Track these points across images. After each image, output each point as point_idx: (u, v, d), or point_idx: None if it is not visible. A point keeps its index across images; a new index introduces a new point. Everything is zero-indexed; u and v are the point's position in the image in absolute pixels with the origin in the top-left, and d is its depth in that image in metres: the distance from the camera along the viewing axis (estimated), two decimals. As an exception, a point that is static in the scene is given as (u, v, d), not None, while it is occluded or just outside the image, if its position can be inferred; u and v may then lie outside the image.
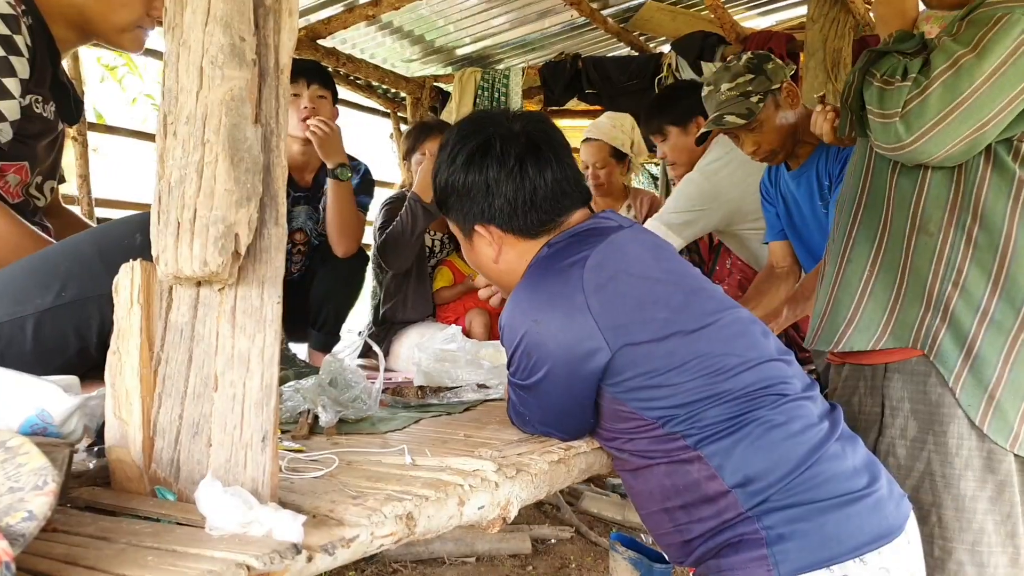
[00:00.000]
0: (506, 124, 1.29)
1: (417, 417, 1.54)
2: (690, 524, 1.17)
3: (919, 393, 1.38)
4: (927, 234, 1.38)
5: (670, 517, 1.19)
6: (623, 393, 1.17)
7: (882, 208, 1.46)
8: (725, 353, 1.17)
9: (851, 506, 1.11)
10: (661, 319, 1.17)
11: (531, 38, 4.81)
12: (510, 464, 1.14)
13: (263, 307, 0.87)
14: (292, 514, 0.76)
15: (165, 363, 0.91)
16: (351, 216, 2.49)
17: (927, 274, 1.38)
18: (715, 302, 1.24)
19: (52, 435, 0.89)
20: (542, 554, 2.75)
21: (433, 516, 0.96)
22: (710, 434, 1.14)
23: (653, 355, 1.15)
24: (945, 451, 1.35)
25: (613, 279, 1.18)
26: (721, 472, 1.12)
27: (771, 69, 2.25)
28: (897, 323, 1.40)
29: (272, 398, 0.86)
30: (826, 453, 1.14)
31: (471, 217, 1.30)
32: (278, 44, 0.88)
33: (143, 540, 0.72)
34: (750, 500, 1.11)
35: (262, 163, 0.85)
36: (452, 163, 1.30)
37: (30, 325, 1.21)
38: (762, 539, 1.09)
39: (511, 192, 1.25)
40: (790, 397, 1.18)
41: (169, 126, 0.87)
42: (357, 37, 4.62)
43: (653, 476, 1.19)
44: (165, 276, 0.87)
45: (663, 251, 1.31)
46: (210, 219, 0.82)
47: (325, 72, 2.54)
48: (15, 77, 1.30)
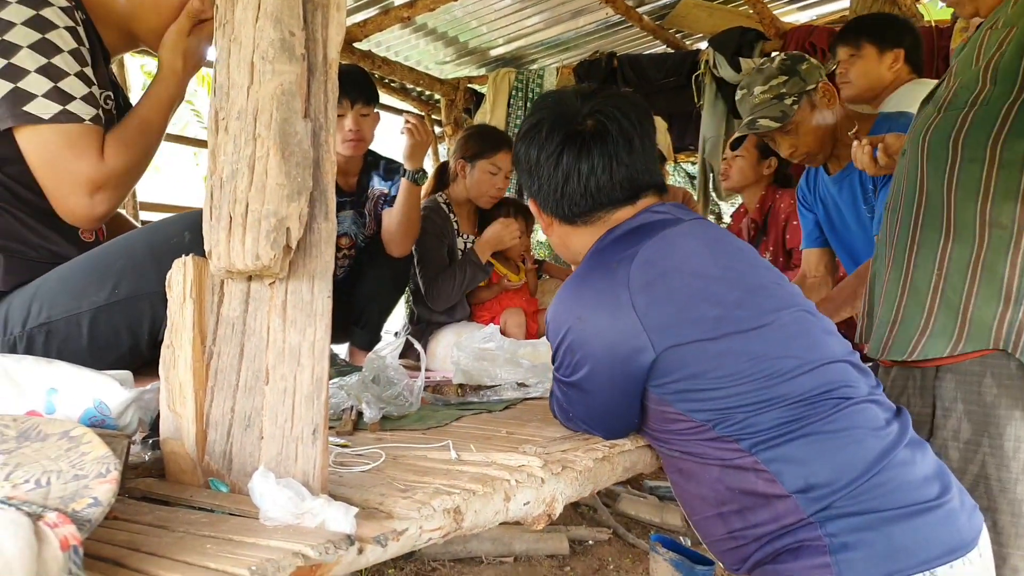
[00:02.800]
0: (573, 108, 1.25)
1: (458, 414, 1.54)
2: (746, 530, 1.12)
3: (973, 394, 1.34)
4: (1000, 227, 1.33)
5: (724, 522, 1.15)
6: (670, 395, 1.14)
7: (943, 209, 1.41)
8: (782, 355, 1.12)
9: (921, 516, 1.05)
10: (712, 317, 1.12)
11: (565, 37, 4.79)
12: (555, 460, 1.14)
13: (313, 301, 0.87)
14: (345, 506, 0.76)
15: (217, 357, 0.92)
16: (417, 219, 2.57)
17: (1004, 269, 1.32)
18: (776, 300, 1.18)
19: (109, 427, 0.91)
20: (580, 555, 2.74)
21: (480, 511, 0.96)
22: (766, 439, 1.09)
23: (703, 355, 1.11)
24: (1001, 454, 1.31)
25: (662, 276, 1.14)
26: (780, 478, 1.07)
27: (805, 70, 2.20)
28: (973, 325, 1.34)
29: (323, 392, 0.86)
30: (894, 459, 1.09)
31: (526, 189, 1.32)
32: (326, 39, 0.89)
33: (200, 529, 0.73)
34: (812, 506, 1.06)
35: (312, 157, 0.86)
36: (519, 131, 1.31)
37: (86, 322, 1.23)
38: (825, 547, 1.04)
39: (546, 177, 1.26)
40: (853, 401, 1.12)
41: (220, 122, 0.88)
42: (391, 40, 4.66)
43: (706, 480, 1.15)
44: (217, 270, 0.88)
45: (724, 245, 1.24)
46: (262, 213, 0.83)
47: (369, 86, 2.52)
48: (89, 66, 1.32)
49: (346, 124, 2.43)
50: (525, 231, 2.99)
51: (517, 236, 2.86)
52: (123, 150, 1.32)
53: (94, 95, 1.30)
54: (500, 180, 2.84)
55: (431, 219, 2.79)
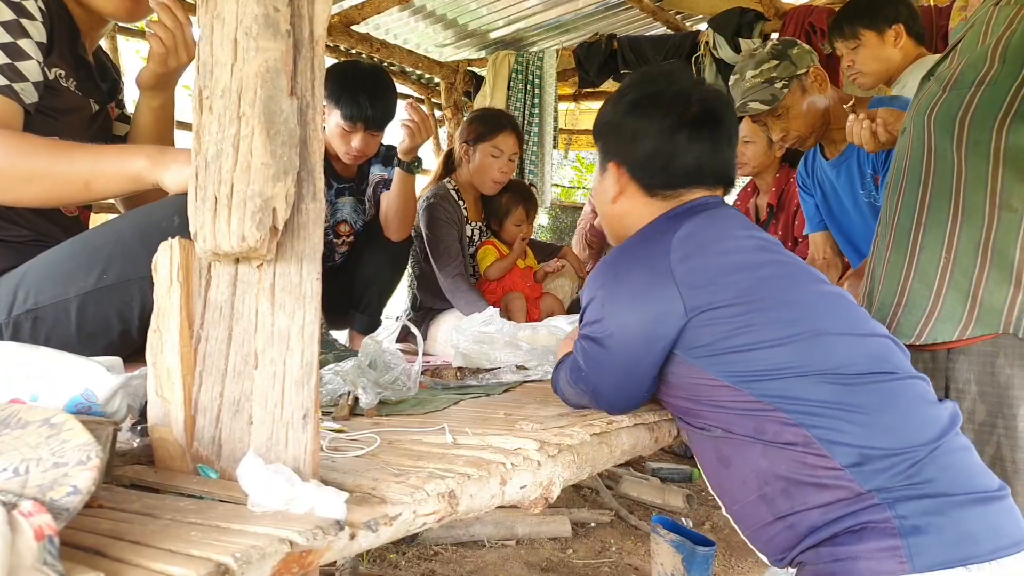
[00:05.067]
0: (688, 87, 1.31)
1: (456, 398, 1.53)
2: (795, 513, 1.07)
3: (987, 375, 1.33)
4: (1010, 210, 1.31)
5: (769, 506, 1.10)
6: (704, 359, 1.13)
7: (951, 190, 1.38)
8: (827, 323, 1.11)
9: (987, 505, 1.03)
10: (747, 285, 1.14)
11: (565, 19, 4.74)
12: (552, 443, 1.12)
13: (302, 283, 0.85)
14: (335, 491, 0.75)
15: (205, 341, 0.90)
16: (413, 206, 2.55)
17: (1014, 252, 1.31)
18: (812, 275, 1.21)
19: (96, 414, 0.89)
20: (582, 537, 2.74)
21: (475, 495, 0.94)
22: (813, 409, 1.06)
23: (737, 319, 1.11)
24: (1015, 435, 1.30)
25: (701, 247, 1.18)
26: (832, 451, 1.04)
27: (796, 54, 2.22)
28: (983, 309, 1.33)
29: (312, 376, 0.85)
30: (954, 441, 1.07)
31: (612, 154, 1.35)
32: (312, 15, 0.86)
33: (187, 516, 0.72)
34: (870, 481, 1.03)
35: (298, 136, 0.84)
36: (621, 99, 1.35)
37: (74, 308, 1.22)
38: (894, 529, 1.00)
39: (652, 148, 1.29)
40: (902, 376, 1.11)
41: (204, 101, 0.86)
42: (390, 23, 4.61)
43: (748, 459, 1.11)
44: (204, 253, 0.86)
45: (758, 230, 1.30)
46: (247, 193, 0.81)
47: (388, 113, 2.42)
48: (29, 39, 1.29)
49: (353, 141, 2.38)
50: (527, 219, 2.95)
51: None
52: (13, 149, 1.21)
53: (15, 68, 1.26)
54: (503, 163, 2.77)
55: (442, 207, 2.75)
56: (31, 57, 1.29)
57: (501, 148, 2.76)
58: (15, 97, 1.27)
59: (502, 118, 2.89)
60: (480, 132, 2.79)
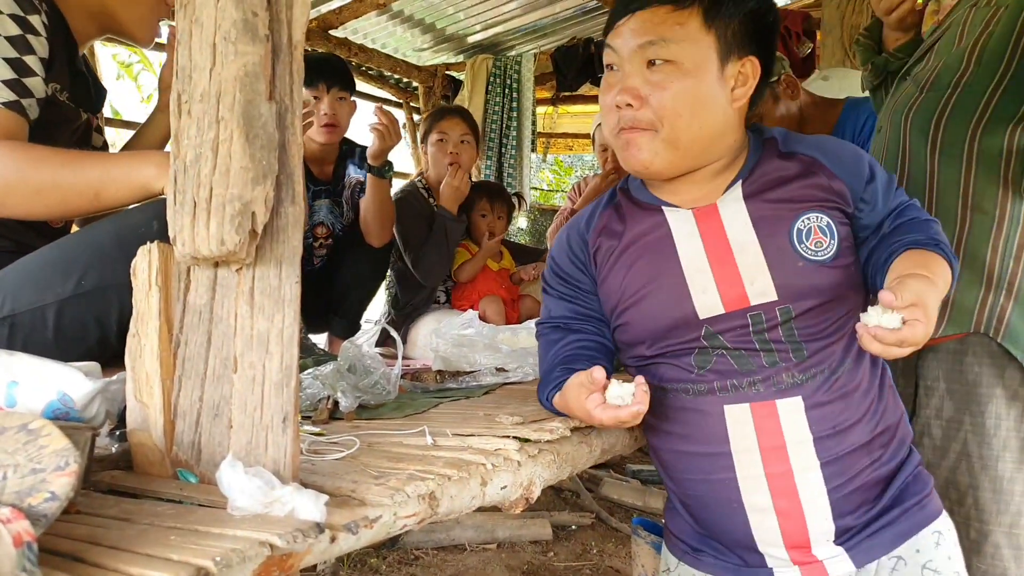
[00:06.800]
0: None
1: (436, 401, 1.53)
2: (884, 457, 1.12)
3: (955, 372, 1.35)
4: (982, 212, 1.34)
5: (868, 452, 1.10)
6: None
7: (924, 193, 1.41)
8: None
9: None
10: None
11: (543, 24, 4.76)
12: (532, 442, 1.13)
13: (281, 287, 0.86)
14: (314, 494, 0.75)
15: (184, 345, 0.90)
16: (390, 210, 2.55)
17: (985, 254, 1.34)
18: None
19: (74, 419, 0.89)
20: (563, 540, 2.75)
21: (456, 496, 0.95)
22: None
23: None
24: (983, 432, 1.32)
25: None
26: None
27: None
28: (955, 309, 1.36)
29: (292, 379, 0.85)
30: None
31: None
32: (291, 19, 0.87)
33: (165, 521, 0.72)
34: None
35: (277, 140, 0.84)
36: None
37: (51, 314, 1.20)
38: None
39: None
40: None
41: (183, 105, 0.86)
42: (368, 27, 4.61)
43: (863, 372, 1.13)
44: (183, 256, 0.86)
45: None
46: (226, 197, 0.81)
47: (346, 72, 2.52)
48: (34, 55, 1.29)
49: (322, 108, 2.41)
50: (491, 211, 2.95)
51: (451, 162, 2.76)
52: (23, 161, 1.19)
53: (23, 84, 1.26)
54: (452, 146, 2.80)
55: (409, 202, 2.77)
56: (36, 74, 1.30)
57: (445, 131, 2.82)
58: (23, 112, 1.27)
59: (447, 108, 3.00)
60: (428, 127, 2.91)
